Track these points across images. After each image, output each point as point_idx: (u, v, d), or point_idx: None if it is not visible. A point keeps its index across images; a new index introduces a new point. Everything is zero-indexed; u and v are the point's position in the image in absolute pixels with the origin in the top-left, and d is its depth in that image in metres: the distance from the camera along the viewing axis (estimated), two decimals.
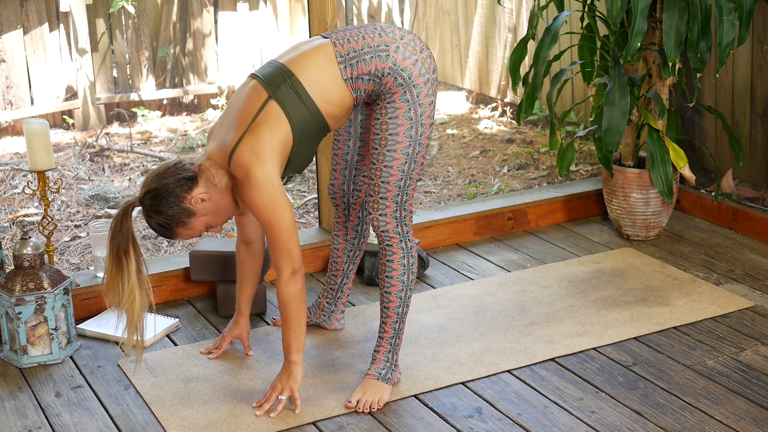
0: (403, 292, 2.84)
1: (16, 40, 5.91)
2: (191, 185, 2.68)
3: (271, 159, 2.65)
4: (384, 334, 2.87)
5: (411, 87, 2.72)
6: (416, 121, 2.74)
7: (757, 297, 3.45)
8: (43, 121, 3.27)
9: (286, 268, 2.70)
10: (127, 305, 2.65)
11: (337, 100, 2.72)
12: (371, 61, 2.70)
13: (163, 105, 6.45)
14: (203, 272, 3.40)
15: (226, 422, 2.74)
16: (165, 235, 2.72)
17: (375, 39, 2.71)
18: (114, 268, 2.65)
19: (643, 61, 3.88)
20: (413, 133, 2.74)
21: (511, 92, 6.09)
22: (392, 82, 2.71)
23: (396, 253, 2.82)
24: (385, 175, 2.76)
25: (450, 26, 6.61)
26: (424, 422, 2.74)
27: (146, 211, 2.69)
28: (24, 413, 2.84)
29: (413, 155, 2.76)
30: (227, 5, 6.46)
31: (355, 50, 2.70)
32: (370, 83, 2.72)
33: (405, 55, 2.71)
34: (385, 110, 2.74)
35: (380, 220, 2.80)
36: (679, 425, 2.69)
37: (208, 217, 2.73)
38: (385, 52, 2.70)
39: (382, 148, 2.75)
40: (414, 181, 2.81)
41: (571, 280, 3.60)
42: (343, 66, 2.70)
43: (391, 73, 2.70)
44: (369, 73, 2.70)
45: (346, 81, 2.71)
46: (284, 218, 2.66)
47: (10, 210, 4.80)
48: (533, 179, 5.06)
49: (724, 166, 4.24)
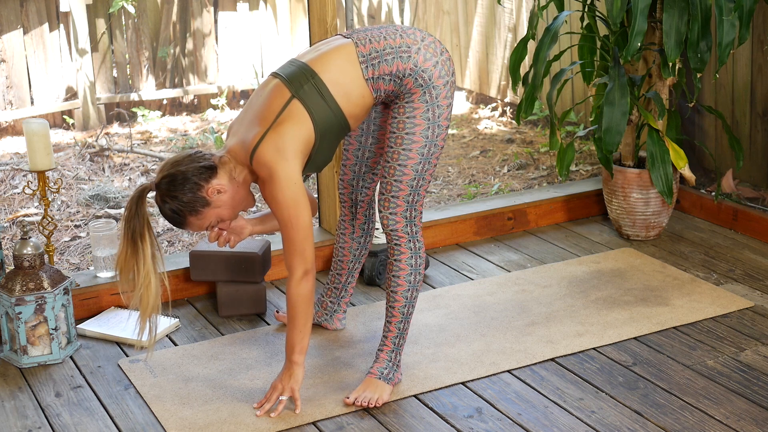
0: (410, 292, 2.85)
1: (16, 40, 5.92)
2: (210, 175, 2.69)
3: (294, 157, 2.67)
4: (388, 333, 2.88)
5: (431, 88, 2.73)
6: (433, 122, 2.75)
7: (757, 297, 3.45)
8: (43, 121, 3.27)
9: (299, 268, 2.71)
10: (143, 289, 2.65)
11: (359, 100, 2.73)
12: (393, 62, 2.71)
13: (163, 105, 6.45)
14: (203, 272, 3.40)
15: (226, 422, 2.74)
16: (176, 222, 2.73)
17: (396, 40, 2.73)
18: (129, 251, 2.65)
19: (643, 61, 3.88)
20: (430, 134, 2.75)
21: (511, 92, 6.09)
22: (413, 83, 2.72)
23: (404, 253, 2.83)
24: (398, 174, 2.77)
25: (450, 26, 6.61)
26: (424, 422, 2.74)
27: (161, 195, 2.69)
28: (24, 413, 2.84)
29: (428, 156, 2.77)
30: (227, 5, 6.46)
31: (377, 50, 2.71)
32: (391, 84, 2.73)
33: (426, 56, 2.72)
34: (403, 109, 2.75)
35: (390, 219, 2.81)
36: (679, 425, 2.69)
37: (222, 210, 2.73)
38: (406, 53, 2.72)
39: (397, 147, 2.76)
40: (426, 182, 2.82)
41: (571, 280, 3.60)
42: (364, 66, 2.71)
43: (412, 74, 2.71)
44: (390, 73, 2.71)
45: (368, 81, 2.72)
46: (303, 218, 2.68)
47: (10, 210, 4.80)
48: (533, 179, 5.06)
49: (724, 166, 4.24)
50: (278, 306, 3.46)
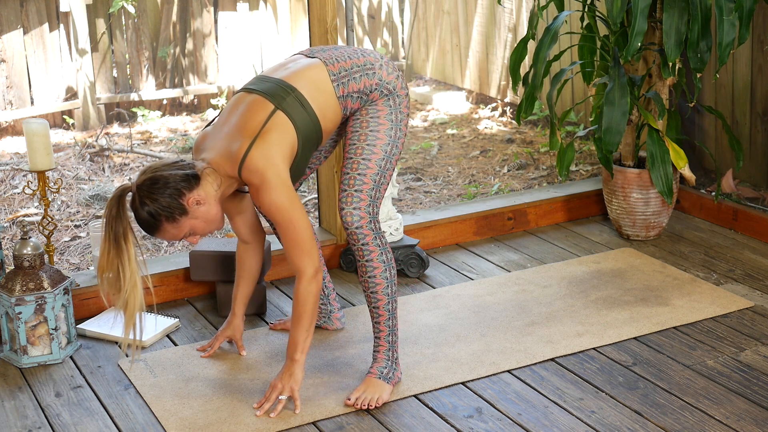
0: (389, 289, 2.85)
1: (16, 40, 5.92)
2: (192, 184, 2.68)
3: (283, 162, 2.70)
4: (380, 333, 2.87)
5: (395, 96, 2.85)
6: (396, 125, 2.84)
7: (757, 297, 3.45)
8: (43, 121, 3.27)
9: (309, 267, 2.72)
10: (129, 292, 2.62)
11: (332, 116, 2.81)
12: (360, 79, 2.81)
13: (163, 105, 6.45)
14: (203, 272, 3.40)
15: (226, 422, 2.74)
16: (150, 227, 2.67)
17: (360, 59, 2.84)
18: (112, 253, 2.61)
19: (643, 61, 3.88)
20: (392, 134, 2.83)
21: (511, 92, 6.09)
22: (378, 95, 2.83)
23: (373, 252, 2.82)
24: (362, 168, 2.80)
25: (450, 26, 6.62)
26: (424, 422, 2.74)
27: (140, 197, 2.64)
28: (24, 413, 2.84)
29: (390, 154, 2.83)
30: (227, 5, 6.46)
31: (346, 69, 2.81)
32: (358, 101, 2.82)
33: (388, 71, 2.85)
34: (366, 111, 2.84)
35: (354, 215, 2.80)
36: (679, 425, 2.69)
37: (197, 222, 2.71)
38: (371, 70, 2.83)
39: (361, 143, 2.81)
40: (386, 182, 2.86)
41: (571, 280, 3.60)
42: (336, 84, 2.79)
43: (377, 87, 2.82)
44: (358, 90, 2.81)
45: (339, 99, 2.79)
46: (303, 217, 2.71)
47: (10, 210, 4.80)
48: (533, 179, 5.06)
49: (724, 166, 4.24)
50: (278, 306, 3.46)
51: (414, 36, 7.03)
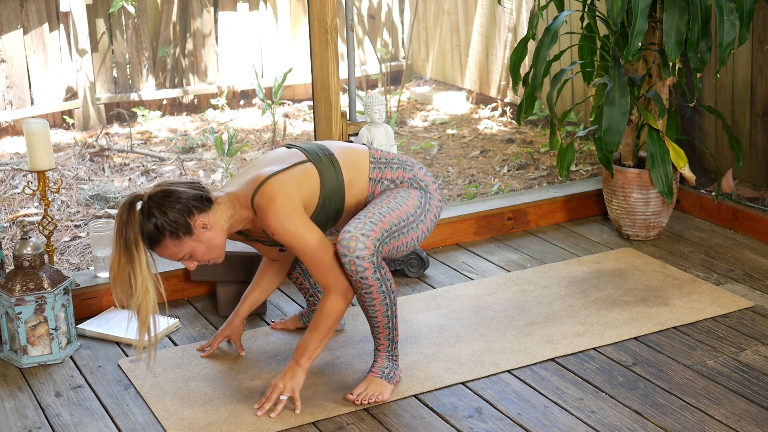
0: (389, 309, 2.80)
1: (16, 40, 5.92)
2: (203, 207, 2.70)
3: (298, 195, 2.74)
4: (380, 333, 2.86)
5: (426, 192, 2.92)
6: (424, 210, 2.89)
7: (757, 297, 3.45)
8: (43, 121, 3.27)
9: (338, 282, 2.74)
10: (140, 298, 2.63)
11: (357, 192, 2.86)
12: (396, 170, 2.90)
13: (163, 105, 6.45)
14: (203, 272, 3.40)
15: (226, 422, 2.74)
16: (151, 238, 2.66)
17: (402, 157, 2.95)
18: (123, 260, 2.62)
19: (643, 61, 3.88)
20: (418, 213, 2.87)
21: (511, 92, 6.09)
22: (408, 186, 2.90)
23: (373, 285, 2.73)
24: (378, 217, 2.77)
25: (450, 26, 6.61)
26: (424, 422, 2.74)
27: (150, 207, 2.65)
28: (24, 413, 2.84)
29: (410, 223, 2.84)
30: (227, 5, 6.46)
31: (386, 158, 2.92)
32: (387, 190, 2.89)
33: (425, 172, 2.95)
34: (396, 189, 2.90)
35: (360, 240, 2.68)
36: (679, 425, 2.69)
37: (199, 246, 2.71)
38: (410, 167, 2.93)
39: (383, 203, 2.83)
40: (398, 245, 2.82)
41: (571, 280, 3.60)
42: (373, 165, 2.88)
43: (410, 180, 2.90)
44: (391, 179, 2.89)
45: (370, 180, 2.86)
46: (317, 239, 2.72)
47: (10, 210, 4.80)
48: (533, 179, 5.06)
49: (724, 166, 4.24)
50: (278, 306, 3.46)
51: (414, 36, 7.03)
